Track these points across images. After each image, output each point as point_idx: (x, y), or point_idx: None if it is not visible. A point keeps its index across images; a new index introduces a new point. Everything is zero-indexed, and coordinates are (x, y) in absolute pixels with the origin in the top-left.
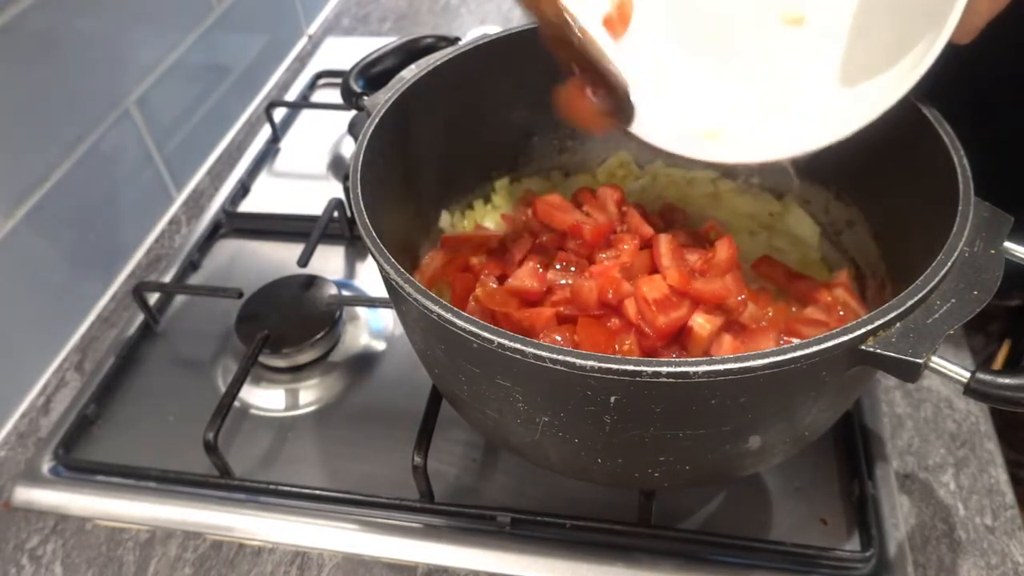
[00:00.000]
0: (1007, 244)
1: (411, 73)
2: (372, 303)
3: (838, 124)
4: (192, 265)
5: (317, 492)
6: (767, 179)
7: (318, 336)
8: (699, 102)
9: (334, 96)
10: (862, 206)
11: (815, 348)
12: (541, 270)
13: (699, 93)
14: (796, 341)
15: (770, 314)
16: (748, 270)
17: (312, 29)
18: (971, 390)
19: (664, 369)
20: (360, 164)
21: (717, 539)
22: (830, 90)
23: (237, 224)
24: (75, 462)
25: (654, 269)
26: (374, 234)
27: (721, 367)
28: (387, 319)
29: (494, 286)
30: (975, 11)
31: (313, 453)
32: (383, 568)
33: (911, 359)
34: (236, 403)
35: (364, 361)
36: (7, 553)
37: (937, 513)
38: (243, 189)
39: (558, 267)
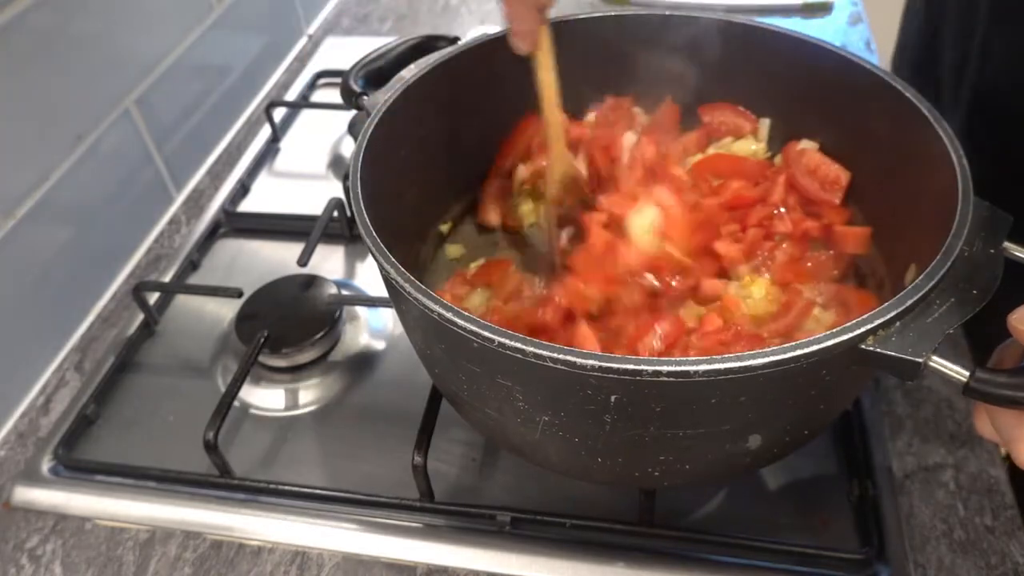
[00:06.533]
0: (1006, 244)
1: (411, 73)
2: (372, 303)
3: None
4: (192, 265)
5: (317, 492)
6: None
7: (318, 336)
8: None
9: (334, 96)
10: (862, 206)
11: (815, 347)
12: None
13: None
14: (797, 341)
15: None
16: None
17: (312, 29)
18: (971, 389)
19: (664, 368)
20: (360, 164)
21: (717, 539)
22: None
23: (237, 224)
24: (75, 462)
25: None
26: (374, 234)
27: (721, 366)
28: (387, 319)
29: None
30: None
31: (313, 453)
32: (383, 568)
33: (911, 358)
34: (236, 403)
35: (364, 361)
36: (7, 553)
37: (937, 513)
38: (243, 189)
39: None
